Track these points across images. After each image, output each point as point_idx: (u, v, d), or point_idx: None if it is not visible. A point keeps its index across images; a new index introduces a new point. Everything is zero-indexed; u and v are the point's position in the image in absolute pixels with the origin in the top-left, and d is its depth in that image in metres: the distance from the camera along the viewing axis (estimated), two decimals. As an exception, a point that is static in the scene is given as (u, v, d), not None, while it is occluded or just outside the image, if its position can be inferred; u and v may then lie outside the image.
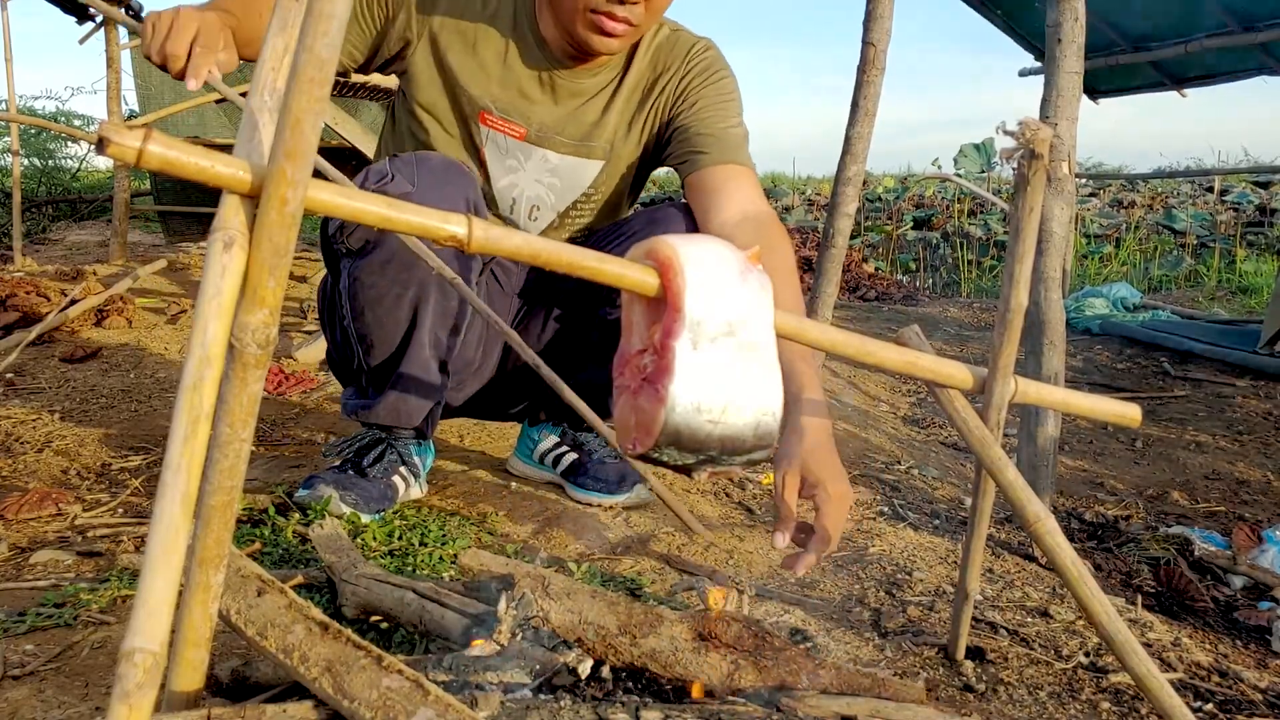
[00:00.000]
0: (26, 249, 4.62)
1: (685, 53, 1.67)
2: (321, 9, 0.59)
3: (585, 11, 1.48)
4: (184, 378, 0.62)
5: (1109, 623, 0.97)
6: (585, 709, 0.82)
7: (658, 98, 1.67)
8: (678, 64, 1.66)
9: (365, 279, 1.52)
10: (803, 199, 10.22)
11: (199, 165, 0.63)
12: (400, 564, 1.41)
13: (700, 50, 1.68)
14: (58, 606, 1.24)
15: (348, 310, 1.57)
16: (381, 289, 1.52)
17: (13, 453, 1.92)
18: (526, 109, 1.65)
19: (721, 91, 1.65)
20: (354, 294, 1.54)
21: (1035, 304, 1.71)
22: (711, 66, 1.67)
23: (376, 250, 1.50)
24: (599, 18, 1.48)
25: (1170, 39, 4.73)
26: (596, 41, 1.52)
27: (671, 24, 1.71)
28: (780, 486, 1.17)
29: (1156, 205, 9.09)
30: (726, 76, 1.68)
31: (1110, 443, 2.85)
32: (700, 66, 1.66)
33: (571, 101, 1.66)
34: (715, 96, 1.64)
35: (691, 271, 0.82)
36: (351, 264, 1.53)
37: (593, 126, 1.67)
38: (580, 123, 1.67)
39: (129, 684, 0.57)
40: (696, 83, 1.65)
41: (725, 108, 1.64)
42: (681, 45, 1.68)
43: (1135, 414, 1.06)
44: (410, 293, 1.52)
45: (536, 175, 1.68)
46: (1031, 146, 0.89)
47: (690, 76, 1.66)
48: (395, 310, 1.53)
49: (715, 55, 1.69)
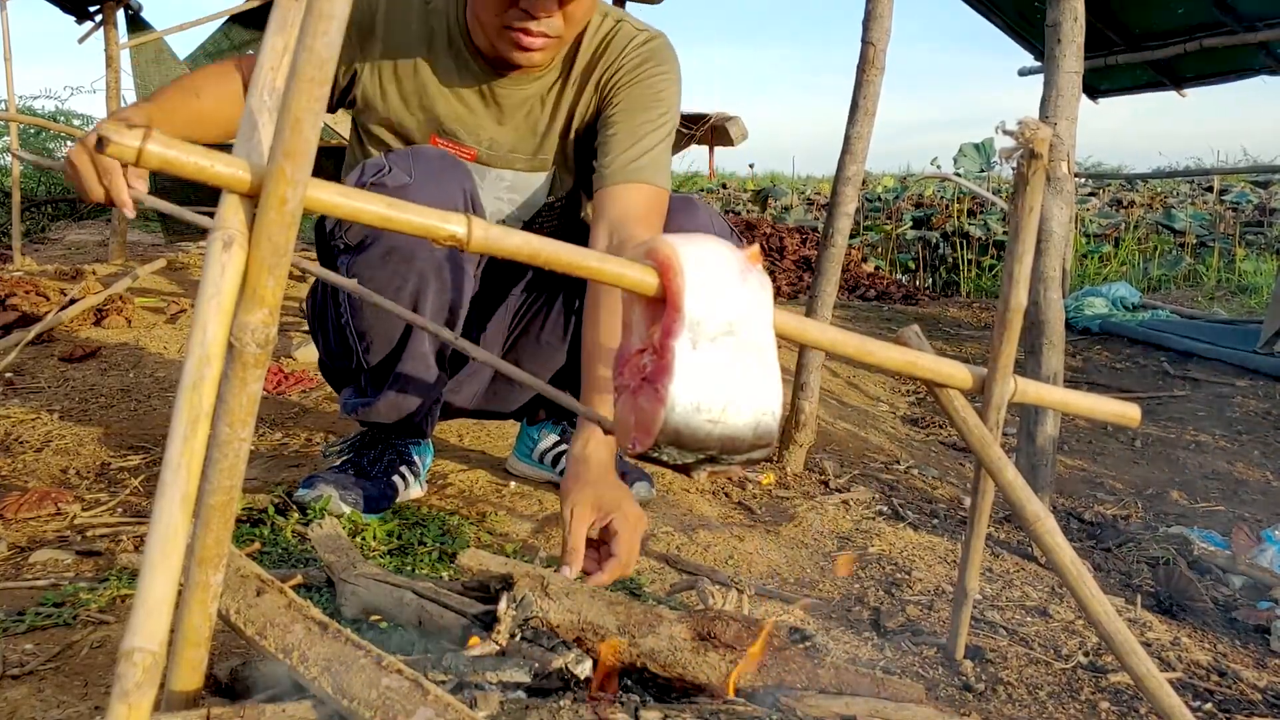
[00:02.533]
0: (26, 248, 4.62)
1: (622, 48, 1.60)
2: (321, 9, 0.59)
3: (502, 28, 1.46)
4: (184, 377, 0.62)
5: (1108, 622, 0.97)
6: (585, 709, 0.82)
7: (595, 92, 1.62)
8: (614, 59, 1.60)
9: (365, 274, 1.52)
10: (802, 198, 10.22)
11: (198, 164, 0.63)
12: (400, 564, 1.41)
13: (637, 45, 1.60)
14: (57, 606, 1.24)
15: (346, 307, 1.56)
16: (381, 283, 1.52)
17: (12, 452, 1.92)
18: (474, 128, 1.62)
19: (647, 92, 1.58)
20: None
21: (1035, 304, 1.71)
22: (645, 63, 1.59)
23: (375, 244, 1.50)
24: (516, 34, 1.46)
25: (1170, 39, 4.73)
26: (518, 56, 1.50)
27: (618, 14, 1.64)
28: (570, 519, 1.21)
29: (1156, 205, 9.09)
30: (658, 74, 1.60)
31: (1110, 442, 2.85)
32: (632, 64, 1.59)
33: (517, 113, 1.63)
34: (639, 98, 1.58)
35: (691, 271, 0.82)
36: (350, 260, 1.53)
37: (543, 137, 1.64)
38: (531, 135, 1.64)
39: (128, 683, 0.57)
40: (625, 80, 1.59)
41: (645, 110, 1.57)
42: (620, 39, 1.61)
43: (1135, 414, 1.06)
44: (410, 286, 1.52)
45: (495, 193, 1.67)
46: (1031, 146, 0.89)
47: (620, 73, 1.59)
48: (395, 303, 1.53)
49: (653, 49, 1.61)
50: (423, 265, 1.51)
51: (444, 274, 1.53)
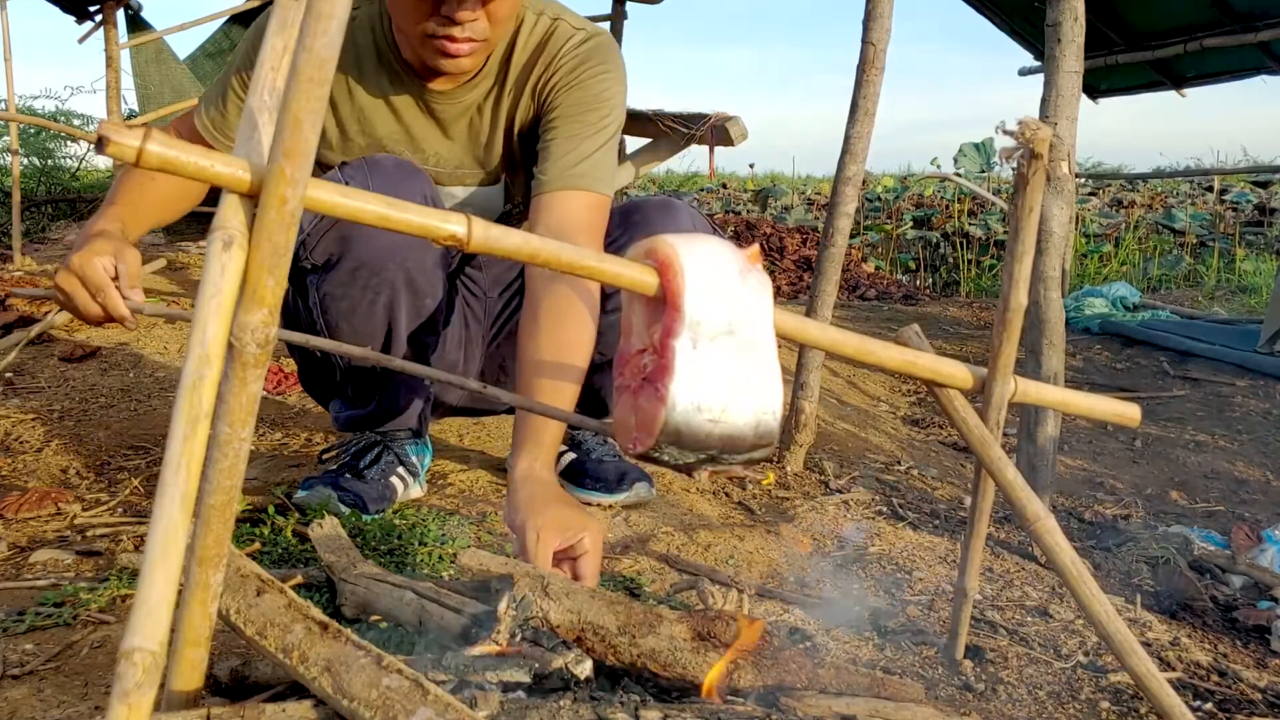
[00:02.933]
0: (26, 248, 4.62)
1: (559, 48, 1.54)
2: (321, 9, 0.59)
3: (425, 36, 1.41)
4: (184, 377, 0.62)
5: (1108, 622, 0.97)
6: (585, 709, 0.82)
7: (532, 93, 1.57)
8: (551, 59, 1.54)
9: (335, 291, 1.50)
10: (802, 198, 10.22)
11: (198, 165, 0.63)
12: (399, 564, 1.41)
13: (575, 45, 1.54)
14: (57, 606, 1.24)
15: (322, 325, 1.54)
16: (353, 299, 1.50)
17: (12, 452, 1.92)
18: (418, 144, 1.60)
19: (586, 95, 1.52)
20: (326, 309, 1.53)
21: (1035, 303, 1.71)
22: (584, 64, 1.53)
23: (342, 261, 1.48)
24: (440, 41, 1.41)
25: (1170, 39, 4.72)
26: (445, 64, 1.45)
27: (556, 10, 1.58)
28: (534, 544, 1.14)
29: (1156, 205, 9.09)
30: (598, 75, 1.53)
31: (1109, 442, 2.85)
32: (569, 65, 1.54)
33: (457, 124, 1.59)
34: (579, 101, 1.52)
35: (691, 271, 0.82)
36: (319, 279, 1.51)
37: (487, 147, 1.61)
38: (475, 146, 1.61)
39: (128, 683, 0.57)
40: (563, 83, 1.53)
41: (584, 115, 1.51)
42: (558, 39, 1.55)
43: (1135, 414, 1.06)
44: (383, 298, 1.50)
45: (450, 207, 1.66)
46: (1031, 146, 0.89)
47: (558, 75, 1.54)
48: (370, 318, 1.52)
49: (592, 49, 1.54)
50: (393, 277, 1.49)
51: (415, 283, 1.52)
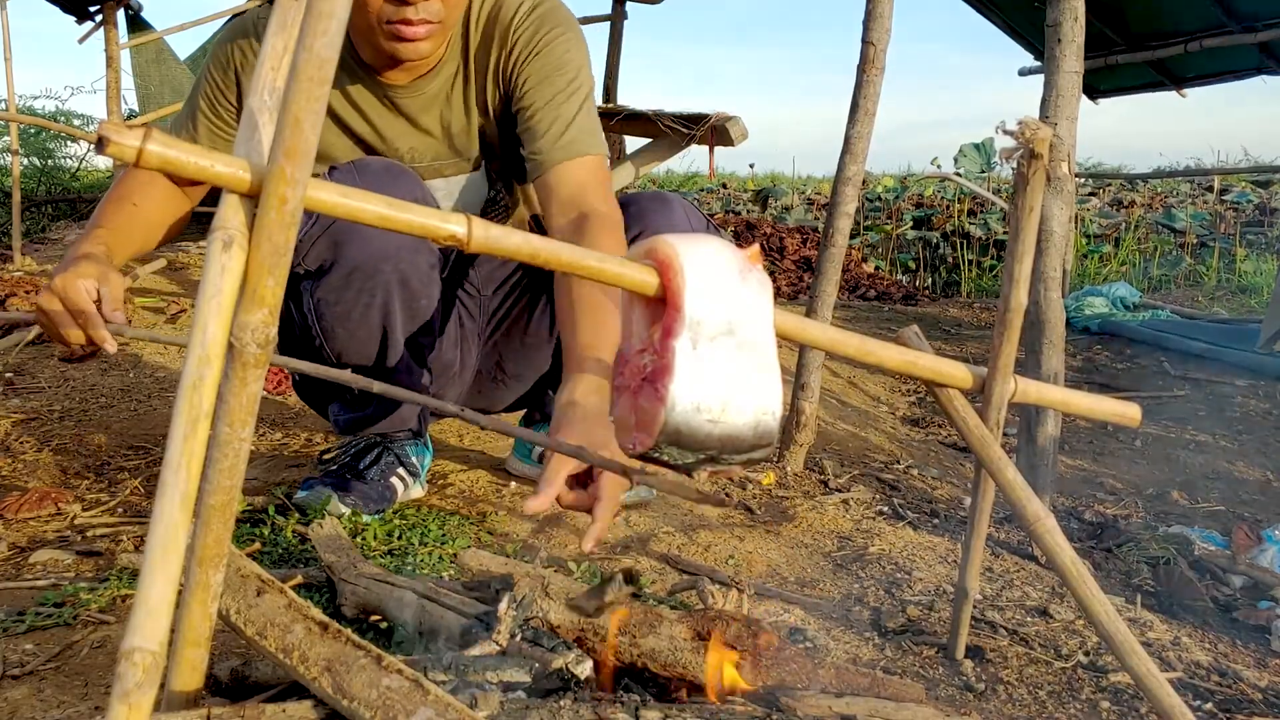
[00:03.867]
0: (26, 248, 4.62)
1: (509, 21, 1.54)
2: (321, 9, 0.59)
3: (380, 24, 1.41)
4: (183, 377, 0.62)
5: (1109, 622, 0.97)
6: (585, 709, 0.82)
7: (494, 76, 1.57)
8: (504, 35, 1.54)
9: (329, 297, 1.50)
10: (802, 198, 10.22)
11: (199, 164, 0.63)
12: (400, 564, 1.41)
13: (524, 16, 1.54)
14: (57, 606, 1.24)
15: (317, 331, 1.54)
16: (348, 303, 1.50)
17: (12, 452, 1.92)
18: (391, 142, 1.59)
19: (549, 61, 1.52)
20: (321, 314, 1.52)
21: (1035, 303, 1.71)
22: (538, 34, 1.53)
23: (335, 267, 1.48)
24: (395, 27, 1.40)
25: (1170, 39, 4.72)
26: (405, 50, 1.44)
27: None
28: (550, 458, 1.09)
29: (1156, 205, 9.09)
30: (554, 38, 1.53)
31: (1110, 442, 2.85)
32: (524, 38, 1.53)
33: (425, 116, 1.58)
34: (543, 69, 1.52)
35: (691, 271, 0.82)
36: (312, 285, 1.51)
37: (461, 134, 1.60)
38: (445, 138, 1.60)
39: (128, 683, 0.57)
40: (523, 56, 1.53)
41: (553, 80, 1.51)
42: (505, 13, 1.55)
43: (1135, 414, 1.06)
44: (377, 300, 1.50)
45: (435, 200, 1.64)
46: (1031, 146, 0.89)
47: (516, 50, 1.53)
48: (365, 321, 1.52)
49: (542, 15, 1.54)
50: (387, 280, 1.49)
51: (410, 285, 1.51)
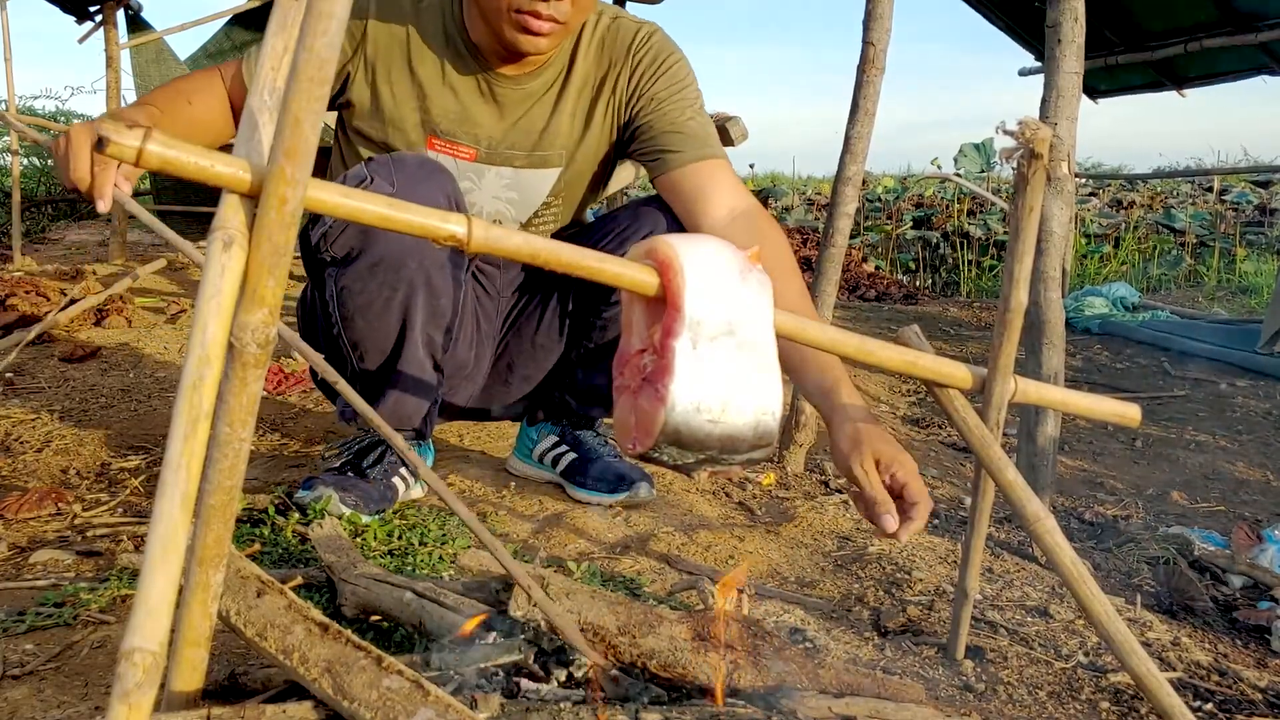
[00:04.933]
0: (26, 248, 4.62)
1: (630, 43, 1.63)
2: (321, 9, 0.58)
3: (510, 12, 1.45)
4: (184, 377, 0.62)
5: (1109, 622, 0.97)
6: (585, 709, 0.82)
7: (611, 95, 1.64)
8: (624, 57, 1.63)
9: (353, 286, 1.50)
10: (803, 199, 10.22)
11: (199, 165, 0.63)
12: (400, 564, 1.41)
13: (644, 39, 1.63)
14: (57, 606, 1.24)
15: (337, 318, 1.55)
16: (370, 294, 1.50)
17: (12, 452, 1.92)
18: (473, 127, 1.61)
19: (674, 81, 1.62)
20: (342, 302, 1.52)
21: (1035, 304, 1.71)
22: (659, 56, 1.63)
23: (362, 256, 1.48)
24: (524, 17, 1.44)
25: (1170, 39, 4.72)
26: (525, 42, 1.48)
27: (613, 11, 1.67)
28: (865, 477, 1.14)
29: (1156, 205, 9.08)
30: (676, 63, 1.64)
31: (1110, 442, 2.85)
32: (649, 58, 1.62)
33: (517, 110, 1.62)
34: (670, 88, 1.61)
35: (691, 271, 0.82)
36: (337, 272, 1.51)
37: (541, 134, 1.64)
38: (529, 131, 1.63)
39: (128, 683, 0.57)
40: (648, 76, 1.62)
41: (682, 97, 1.61)
42: (624, 35, 1.63)
43: (1135, 414, 1.06)
44: (399, 295, 1.51)
45: (494, 192, 1.66)
46: (1031, 146, 0.89)
47: (641, 71, 1.62)
48: (385, 314, 1.52)
49: (661, 41, 1.64)
50: (411, 275, 1.49)
51: (434, 282, 1.52)
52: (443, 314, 1.56)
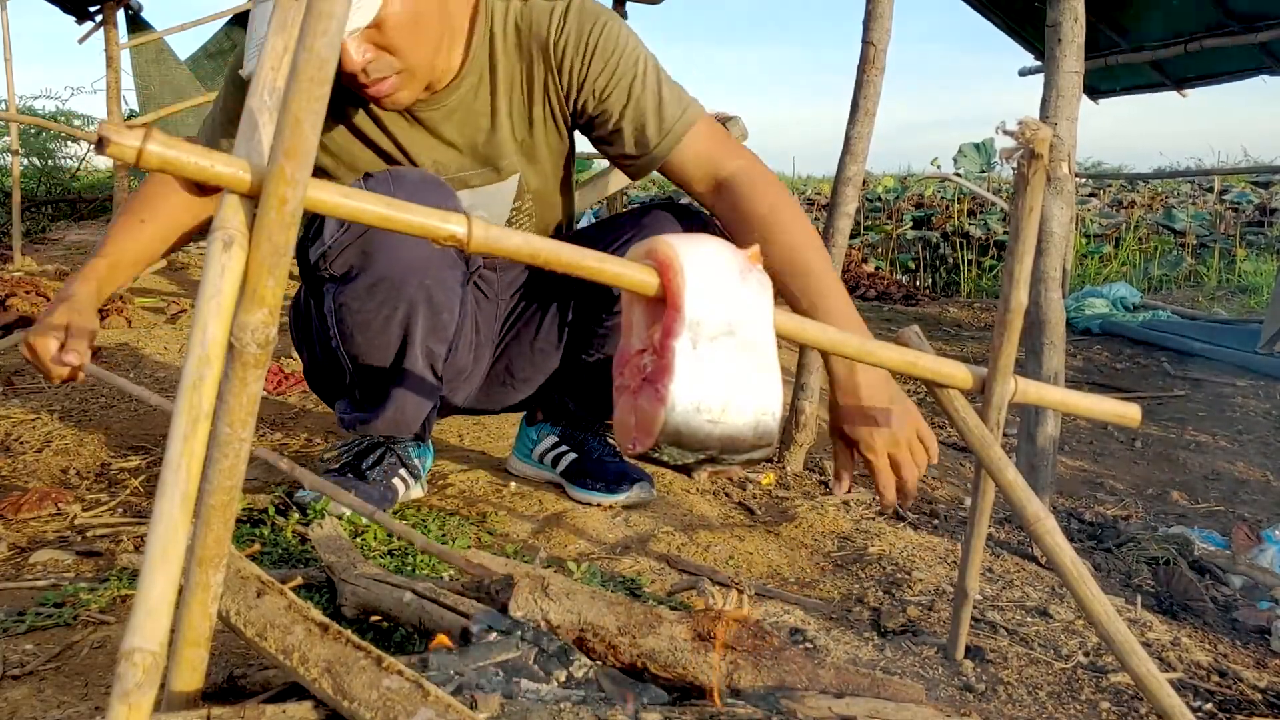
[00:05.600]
0: (26, 248, 4.62)
1: (546, 31, 1.50)
2: (321, 9, 0.59)
3: (352, 86, 1.41)
4: (184, 377, 0.62)
5: (1109, 622, 0.96)
6: (585, 709, 0.82)
7: (544, 94, 1.55)
8: (547, 48, 1.51)
9: (352, 304, 1.49)
10: (803, 199, 10.22)
11: (199, 165, 0.63)
12: (400, 564, 1.41)
13: (559, 22, 1.50)
14: (57, 606, 1.24)
15: (335, 333, 1.54)
16: (370, 313, 1.49)
17: (12, 452, 1.92)
18: (415, 155, 1.58)
19: (608, 58, 1.49)
20: (341, 319, 1.52)
21: (1035, 304, 1.71)
22: (582, 35, 1.49)
23: (362, 275, 1.47)
24: (361, 90, 1.42)
25: (1170, 39, 4.72)
26: (386, 103, 1.45)
27: None
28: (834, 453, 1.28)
29: (1156, 205, 9.08)
30: (603, 33, 1.49)
31: (1110, 443, 2.85)
32: (572, 44, 1.50)
33: (448, 126, 1.56)
34: (606, 69, 1.49)
35: (691, 271, 0.82)
36: (336, 289, 1.50)
37: (486, 145, 1.58)
38: (473, 144, 1.58)
39: (128, 684, 0.57)
40: (579, 65, 1.50)
41: (621, 74, 1.49)
42: (539, 20, 1.51)
43: (1135, 414, 1.06)
44: (400, 313, 1.49)
45: None
46: (1031, 146, 0.89)
47: (569, 61, 1.50)
48: (385, 332, 1.51)
49: (578, 16, 1.50)
50: (412, 294, 1.48)
51: (435, 300, 1.51)
52: (444, 328, 1.55)
